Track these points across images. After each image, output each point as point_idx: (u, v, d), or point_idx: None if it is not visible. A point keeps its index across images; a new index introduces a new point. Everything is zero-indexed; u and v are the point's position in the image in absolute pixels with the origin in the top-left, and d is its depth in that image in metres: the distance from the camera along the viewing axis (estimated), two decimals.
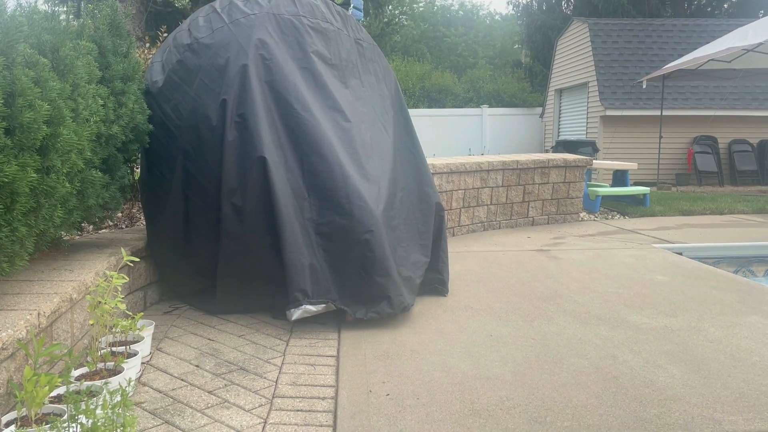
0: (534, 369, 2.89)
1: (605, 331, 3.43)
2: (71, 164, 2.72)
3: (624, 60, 14.43)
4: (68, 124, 2.63)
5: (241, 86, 3.45)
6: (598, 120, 14.05)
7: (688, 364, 2.94)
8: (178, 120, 3.56)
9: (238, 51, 3.55)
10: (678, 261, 5.33)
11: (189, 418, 2.37)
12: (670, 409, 2.47)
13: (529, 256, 5.54)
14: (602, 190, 8.70)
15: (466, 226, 6.73)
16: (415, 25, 33.12)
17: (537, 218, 7.40)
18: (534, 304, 3.96)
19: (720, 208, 8.68)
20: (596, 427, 2.32)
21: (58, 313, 2.50)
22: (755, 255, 5.97)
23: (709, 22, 15.37)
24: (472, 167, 6.65)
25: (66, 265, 3.00)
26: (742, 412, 2.44)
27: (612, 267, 5.06)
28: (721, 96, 13.80)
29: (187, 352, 3.05)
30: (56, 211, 2.71)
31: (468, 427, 2.33)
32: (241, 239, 3.38)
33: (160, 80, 3.71)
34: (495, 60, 30.78)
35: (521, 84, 22.95)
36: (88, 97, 2.93)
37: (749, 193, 11.19)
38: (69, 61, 2.80)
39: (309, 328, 3.46)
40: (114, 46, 3.47)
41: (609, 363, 2.96)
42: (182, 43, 3.74)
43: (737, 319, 3.65)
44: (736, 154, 13.52)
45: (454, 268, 5.00)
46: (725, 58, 11.12)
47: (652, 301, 4.04)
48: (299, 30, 3.82)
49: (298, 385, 2.71)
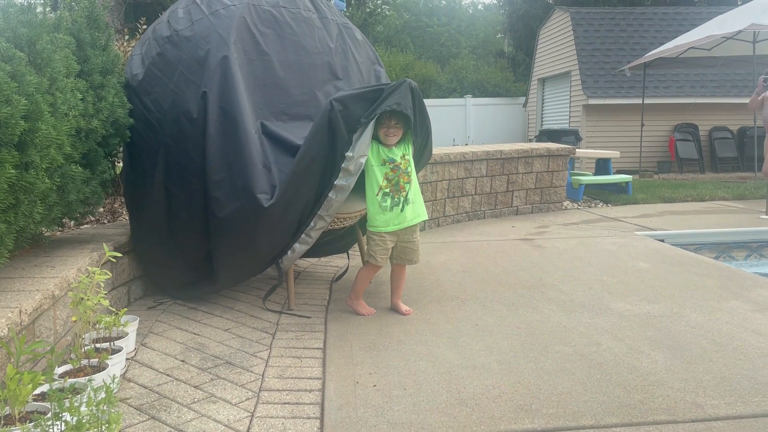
0: (519, 357, 2.92)
1: (589, 319, 3.46)
2: (50, 160, 2.68)
3: (606, 49, 14.51)
4: (47, 119, 2.59)
5: (222, 78, 3.41)
6: (580, 109, 14.13)
7: (670, 349, 2.98)
8: (159, 113, 3.52)
9: (218, 43, 3.51)
10: (660, 248, 5.39)
11: (175, 413, 2.36)
12: (654, 394, 2.50)
13: (513, 245, 5.57)
14: (585, 179, 8.76)
15: (451, 216, 6.75)
16: (398, 16, 33.03)
17: (521, 207, 7.44)
18: (519, 293, 3.99)
19: (701, 195, 8.78)
20: (581, 413, 2.35)
21: (40, 310, 2.47)
22: (736, 241, 6.05)
23: (689, 10, 15.49)
24: (457, 157, 6.66)
25: (47, 262, 2.96)
26: (723, 396, 2.48)
27: (595, 255, 5.10)
28: (702, 84, 13.93)
29: (172, 347, 3.03)
30: (36, 208, 2.67)
31: (455, 416, 2.35)
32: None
33: (140, 73, 3.67)
34: (478, 50, 30.81)
35: (504, 73, 23.02)
36: (66, 91, 2.89)
37: (729, 180, 11.32)
38: (46, 55, 2.75)
39: (295, 321, 3.46)
40: (92, 39, 3.42)
41: (593, 350, 2.99)
42: (162, 35, 3.70)
43: (718, 304, 3.70)
44: (717, 141, 13.67)
45: (440, 258, 5.02)
46: (705, 46, 11.23)
47: (635, 288, 4.09)
48: (279, 21, 3.79)
49: (284, 378, 2.71)
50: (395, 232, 3.47)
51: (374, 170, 3.39)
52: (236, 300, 3.81)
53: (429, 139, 3.81)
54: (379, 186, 3.39)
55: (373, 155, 3.38)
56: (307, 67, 3.84)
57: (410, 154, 3.49)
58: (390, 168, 3.39)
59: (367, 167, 3.41)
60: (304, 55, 3.85)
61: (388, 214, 3.41)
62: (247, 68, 3.57)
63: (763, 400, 2.43)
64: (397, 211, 3.41)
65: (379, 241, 3.47)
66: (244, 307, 3.67)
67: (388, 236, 3.46)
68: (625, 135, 13.59)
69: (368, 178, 3.43)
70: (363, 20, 18.97)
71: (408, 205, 3.44)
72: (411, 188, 3.46)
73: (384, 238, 3.46)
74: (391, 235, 3.47)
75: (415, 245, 3.55)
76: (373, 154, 3.38)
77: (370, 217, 3.47)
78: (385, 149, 3.40)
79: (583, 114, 14.07)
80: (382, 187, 3.39)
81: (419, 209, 3.52)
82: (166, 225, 3.55)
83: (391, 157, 3.40)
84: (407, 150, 3.47)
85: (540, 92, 17.68)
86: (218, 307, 3.66)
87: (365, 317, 3.54)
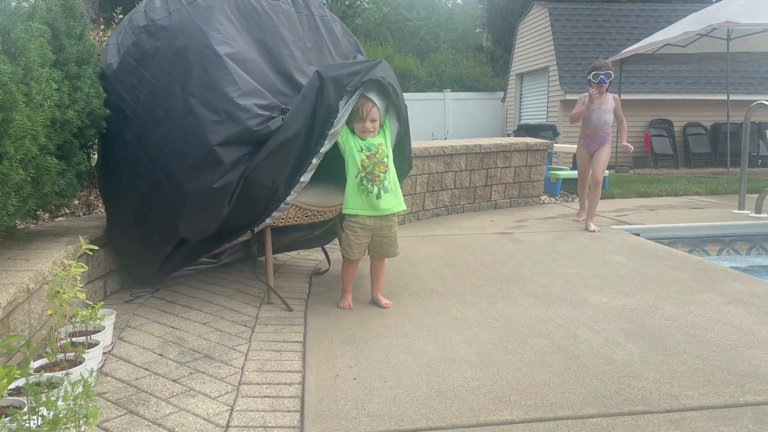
0: (498, 350, 2.94)
1: (567, 311, 3.50)
2: (25, 151, 2.63)
3: (583, 44, 14.65)
4: (21, 109, 2.54)
5: (200, 69, 3.37)
6: (558, 104, 14.25)
7: (645, 341, 3.03)
8: (135, 104, 3.46)
9: (196, 33, 3.46)
10: (636, 242, 5.47)
11: (154, 407, 2.34)
12: (629, 385, 2.54)
13: (492, 239, 5.61)
14: (563, 174, 8.84)
15: (431, 210, 6.77)
16: (377, 9, 32.92)
17: (500, 202, 7.49)
18: (498, 286, 4.02)
19: (675, 190, 8.92)
20: (559, 404, 2.38)
21: (15, 304, 2.43)
22: (709, 235, 6.16)
23: (665, 7, 15.69)
24: (436, 152, 6.67)
25: (21, 255, 2.91)
26: (697, 386, 2.53)
27: (572, 249, 5.16)
28: (677, 80, 14.14)
29: (150, 341, 3.00)
30: (10, 199, 2.62)
31: (435, 408, 2.36)
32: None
33: (115, 62, 3.60)
34: (457, 44, 30.86)
35: (483, 68, 23.10)
36: (41, 81, 2.83)
37: (703, 175, 11.51)
38: (21, 44, 2.70)
39: (275, 314, 3.45)
40: (68, 28, 3.36)
41: (570, 342, 3.03)
42: (138, 24, 3.63)
43: (692, 297, 3.77)
44: (691, 137, 13.90)
45: (419, 252, 5.03)
46: (680, 42, 11.39)
47: (611, 281, 4.14)
48: (259, 12, 3.75)
49: (264, 371, 2.70)
50: (370, 225, 3.48)
51: (354, 154, 3.44)
52: (214, 294, 3.78)
53: (407, 138, 3.83)
54: (357, 169, 3.43)
55: (351, 141, 3.44)
56: (286, 57, 3.80)
57: (388, 145, 3.52)
58: (366, 156, 3.43)
59: (347, 151, 3.46)
60: (283, 46, 3.82)
61: (363, 197, 3.45)
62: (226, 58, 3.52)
63: (736, 390, 2.48)
64: (372, 197, 3.44)
65: (351, 236, 3.50)
66: (222, 301, 3.65)
67: (360, 227, 3.47)
68: None
69: (350, 162, 3.47)
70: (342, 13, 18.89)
71: (385, 193, 3.46)
72: (388, 178, 3.49)
73: (357, 233, 3.48)
74: (364, 228, 3.47)
75: (392, 239, 3.56)
76: (352, 140, 3.45)
77: (347, 199, 3.51)
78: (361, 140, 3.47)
79: (560, 109, 14.19)
80: (360, 171, 3.43)
81: (396, 200, 3.53)
82: (140, 216, 3.50)
83: (368, 145, 3.44)
84: (385, 140, 3.50)
85: (518, 87, 17.78)
86: (197, 301, 3.63)
87: (345, 311, 3.55)
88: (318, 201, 3.72)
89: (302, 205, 3.61)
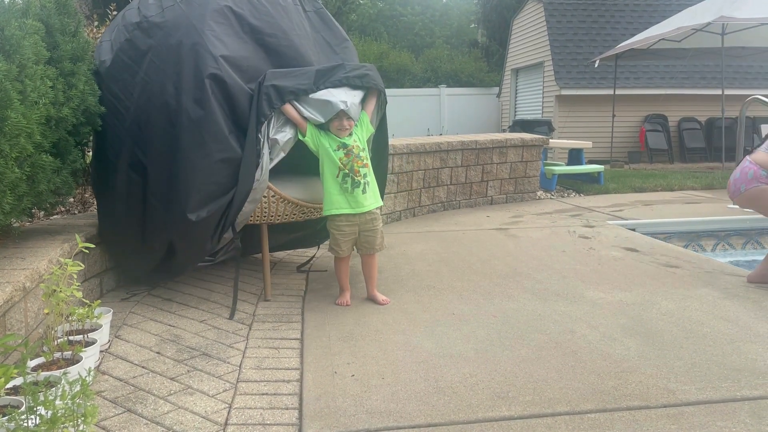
0: (496, 345, 2.95)
1: (563, 307, 3.51)
2: (20, 148, 2.62)
3: (578, 39, 14.63)
4: (16, 107, 2.52)
5: (194, 67, 3.35)
6: (553, 99, 14.25)
7: (642, 336, 3.04)
8: (128, 101, 3.45)
9: (190, 31, 3.44)
10: (631, 237, 5.48)
11: (152, 406, 2.34)
12: (627, 380, 2.55)
13: (488, 234, 5.62)
14: (558, 169, 8.85)
15: (427, 206, 6.77)
16: (372, 4, 32.80)
17: (496, 197, 7.50)
18: (494, 282, 4.03)
19: (670, 185, 8.94)
20: (557, 400, 2.39)
21: (11, 303, 2.42)
22: (704, 230, 6.18)
23: (660, 2, 15.67)
24: (432, 147, 6.67)
25: (17, 253, 2.90)
26: (694, 381, 2.54)
27: (569, 244, 5.17)
28: (672, 75, 14.15)
29: (147, 339, 3.00)
30: (5, 198, 2.61)
31: (432, 404, 2.37)
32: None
33: (108, 60, 3.59)
34: (452, 39, 30.78)
35: (478, 64, 23.07)
36: (36, 79, 2.82)
37: (698, 170, 11.54)
38: (15, 41, 2.68)
39: (272, 312, 3.45)
40: (62, 25, 3.34)
41: (568, 338, 3.04)
42: (131, 21, 3.61)
43: (688, 292, 3.78)
44: (686, 132, 13.92)
45: (416, 248, 5.04)
46: (675, 37, 11.39)
47: (607, 276, 4.15)
48: (256, 6, 3.73)
49: (262, 368, 2.70)
50: (355, 221, 3.49)
51: (331, 154, 3.46)
52: (211, 291, 3.78)
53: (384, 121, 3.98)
54: (338, 167, 3.45)
55: (326, 141, 3.47)
56: (285, 49, 3.78)
57: (363, 140, 3.57)
58: (344, 152, 3.46)
59: (321, 152, 3.48)
60: (282, 38, 3.80)
61: (347, 195, 3.48)
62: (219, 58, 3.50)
63: (732, 385, 2.50)
64: (358, 192, 3.48)
65: (338, 235, 3.53)
66: (219, 298, 3.64)
67: (347, 224, 3.49)
68: (597, 125, 13.75)
69: (327, 163, 3.48)
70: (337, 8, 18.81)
71: (368, 188, 3.51)
72: (368, 173, 3.54)
73: (343, 231, 3.51)
74: (351, 224, 3.49)
75: (376, 233, 3.59)
76: (326, 140, 3.47)
77: (328, 201, 3.52)
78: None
79: (555, 104, 14.20)
80: (340, 168, 3.45)
81: (376, 196, 3.61)
82: (133, 213, 3.49)
83: (343, 142, 3.48)
84: (359, 136, 3.55)
85: (513, 82, 17.78)
86: (193, 299, 3.62)
87: (342, 307, 3.55)
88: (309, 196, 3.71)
89: (298, 202, 3.61)
